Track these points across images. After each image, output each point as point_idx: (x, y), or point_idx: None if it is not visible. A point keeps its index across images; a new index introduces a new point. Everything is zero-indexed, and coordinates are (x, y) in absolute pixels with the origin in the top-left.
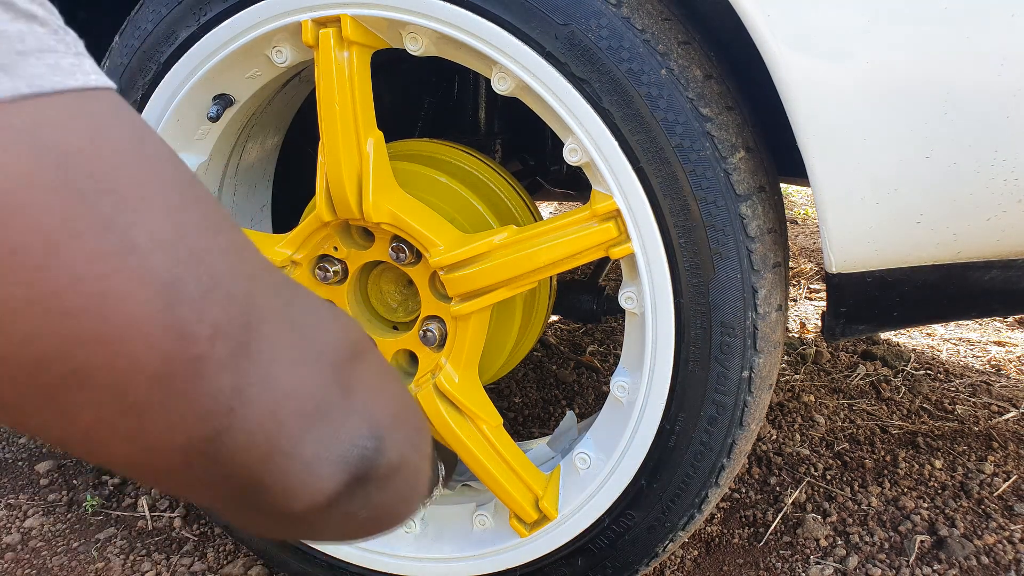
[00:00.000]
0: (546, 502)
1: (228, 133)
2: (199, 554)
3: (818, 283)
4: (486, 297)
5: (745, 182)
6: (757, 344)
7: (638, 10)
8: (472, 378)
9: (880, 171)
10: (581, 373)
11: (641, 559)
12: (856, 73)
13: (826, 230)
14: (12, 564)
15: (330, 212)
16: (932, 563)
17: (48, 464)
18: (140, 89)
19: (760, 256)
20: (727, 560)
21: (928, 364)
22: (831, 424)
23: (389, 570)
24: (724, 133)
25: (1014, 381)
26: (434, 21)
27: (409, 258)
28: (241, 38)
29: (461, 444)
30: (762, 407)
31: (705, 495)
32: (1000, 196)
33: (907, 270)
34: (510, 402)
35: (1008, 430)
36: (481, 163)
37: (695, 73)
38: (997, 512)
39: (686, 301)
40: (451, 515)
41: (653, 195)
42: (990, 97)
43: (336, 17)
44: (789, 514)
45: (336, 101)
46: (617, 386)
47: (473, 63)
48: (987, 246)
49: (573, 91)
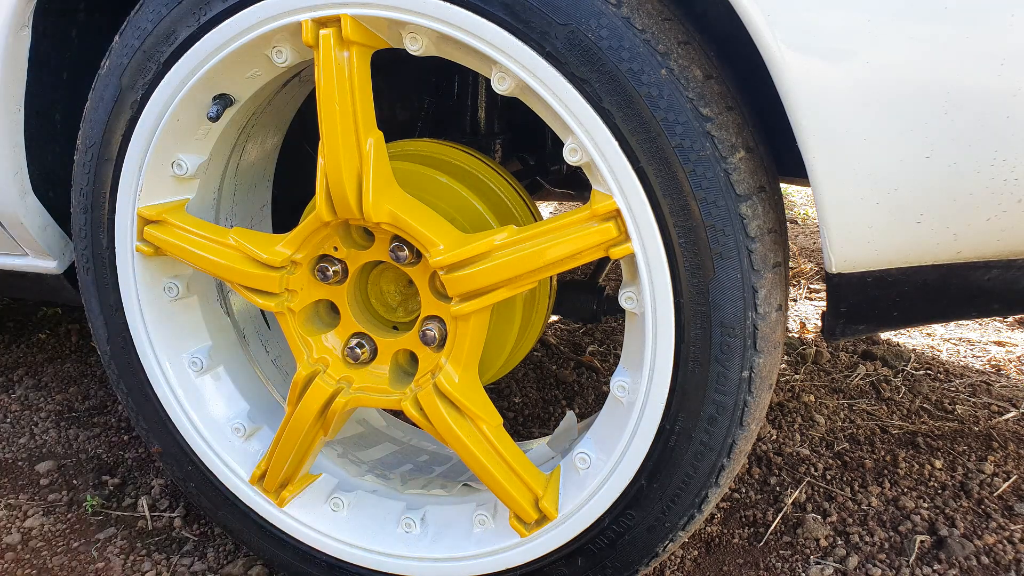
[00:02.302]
0: (546, 502)
1: (228, 133)
2: (199, 554)
3: (818, 283)
4: (486, 297)
5: (745, 182)
6: (757, 344)
7: (638, 10)
8: (472, 378)
9: (880, 171)
10: (581, 373)
11: (641, 559)
12: (856, 73)
13: (826, 230)
14: (12, 564)
15: (330, 212)
16: (932, 563)
17: (48, 464)
18: (140, 89)
19: (760, 256)
20: (727, 560)
21: (928, 364)
22: (831, 424)
23: (389, 570)
24: (724, 133)
25: (1014, 381)
26: (434, 21)
27: (409, 258)
28: (241, 38)
29: (461, 444)
30: (762, 407)
31: (705, 495)
32: (1000, 196)
33: (907, 270)
34: (510, 402)
35: (1008, 430)
36: (481, 163)
37: (695, 73)
38: (997, 512)
39: (686, 301)
40: (451, 515)
41: (653, 195)
42: (990, 97)
43: (336, 17)
44: (789, 514)
45: (336, 101)
46: (617, 386)
47: (473, 63)
48: (987, 246)
49: (573, 91)
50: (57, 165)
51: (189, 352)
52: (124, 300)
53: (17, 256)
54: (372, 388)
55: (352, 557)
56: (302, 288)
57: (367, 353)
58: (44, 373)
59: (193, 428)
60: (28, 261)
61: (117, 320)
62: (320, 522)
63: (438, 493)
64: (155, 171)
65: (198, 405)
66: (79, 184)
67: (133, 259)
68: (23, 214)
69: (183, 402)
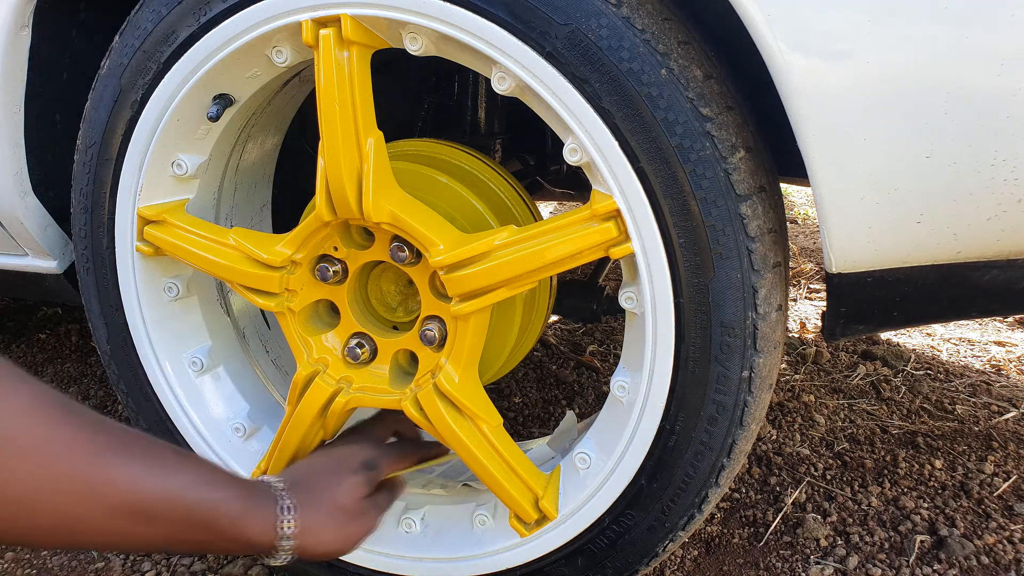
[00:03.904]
0: (546, 502)
1: (228, 133)
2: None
3: (818, 283)
4: (486, 297)
5: (745, 182)
6: (757, 344)
7: (638, 10)
8: (472, 378)
9: (880, 171)
10: (581, 373)
11: (641, 559)
12: (856, 73)
13: (826, 230)
14: (12, 564)
15: (330, 212)
16: (932, 563)
17: None
18: (140, 89)
19: (760, 256)
20: (727, 560)
21: (928, 364)
22: (831, 424)
23: (389, 570)
24: (724, 133)
25: (1014, 381)
26: (434, 21)
27: (409, 258)
28: (241, 38)
29: (461, 444)
30: (762, 407)
31: (705, 495)
32: (1000, 196)
33: (907, 270)
34: (510, 402)
35: (1008, 430)
36: (481, 163)
37: (695, 73)
38: (997, 512)
39: (686, 301)
40: (451, 515)
41: (653, 195)
42: (990, 97)
43: (336, 17)
44: (789, 514)
45: (336, 101)
46: (617, 386)
47: (473, 63)
48: (987, 246)
49: (573, 91)
50: (57, 165)
51: (189, 352)
52: (124, 300)
53: (17, 256)
54: (372, 388)
55: (351, 556)
56: (302, 288)
57: (367, 353)
58: (44, 373)
59: (193, 428)
60: (28, 261)
61: (117, 320)
62: None
63: (438, 493)
64: (155, 171)
65: (198, 405)
66: (79, 184)
67: (133, 259)
68: (23, 214)
69: (183, 402)
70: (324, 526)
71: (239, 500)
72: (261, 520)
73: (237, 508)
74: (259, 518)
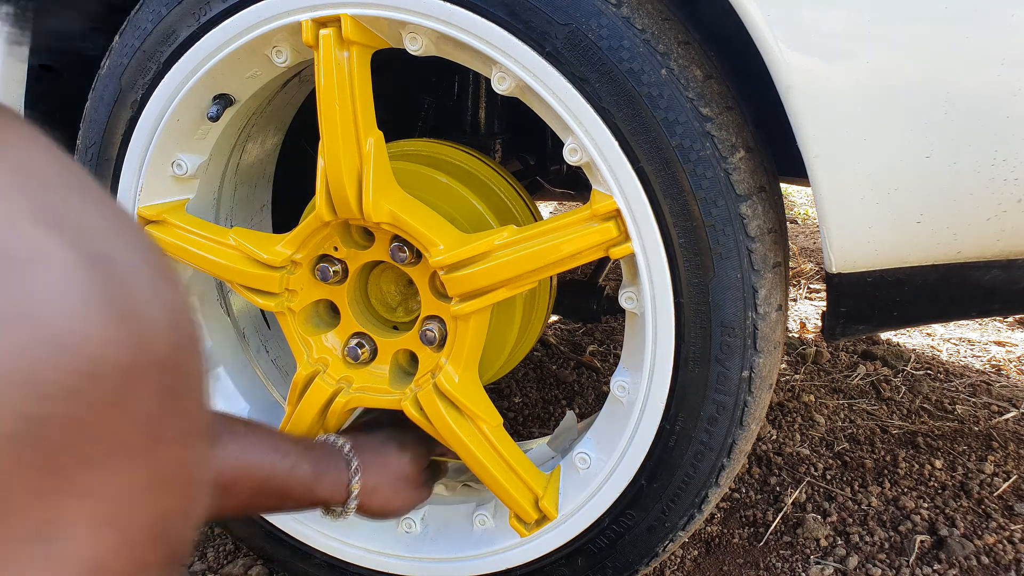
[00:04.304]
0: (546, 502)
1: (228, 133)
2: (199, 554)
3: (818, 283)
4: (486, 297)
5: (745, 182)
6: (757, 344)
7: (638, 10)
8: (472, 378)
9: (880, 171)
10: (581, 373)
11: (641, 559)
12: (856, 73)
13: (826, 230)
14: None
15: (330, 212)
16: (932, 563)
17: None
18: (140, 89)
19: (760, 256)
20: (727, 560)
21: (928, 364)
22: (831, 424)
23: (389, 570)
24: (724, 133)
25: (1014, 381)
26: (434, 21)
27: (409, 258)
28: (241, 38)
29: (461, 444)
30: (762, 407)
31: (705, 495)
32: (1000, 196)
33: (907, 270)
34: (510, 402)
35: (1008, 430)
36: (481, 163)
37: (695, 73)
38: (997, 512)
39: (686, 301)
40: (451, 515)
41: (653, 195)
42: (990, 97)
43: (336, 17)
44: (789, 514)
45: (336, 101)
46: (617, 386)
47: (473, 63)
48: (987, 246)
49: (573, 91)
50: None
51: None
52: None
53: None
54: (372, 388)
55: (351, 557)
56: (302, 288)
57: (367, 353)
58: None
59: None
60: None
61: None
62: (319, 521)
63: (438, 493)
64: (155, 171)
65: None
66: None
67: None
68: None
69: None
70: (390, 489)
71: (311, 464)
72: (333, 481)
73: (309, 474)
74: (330, 480)
